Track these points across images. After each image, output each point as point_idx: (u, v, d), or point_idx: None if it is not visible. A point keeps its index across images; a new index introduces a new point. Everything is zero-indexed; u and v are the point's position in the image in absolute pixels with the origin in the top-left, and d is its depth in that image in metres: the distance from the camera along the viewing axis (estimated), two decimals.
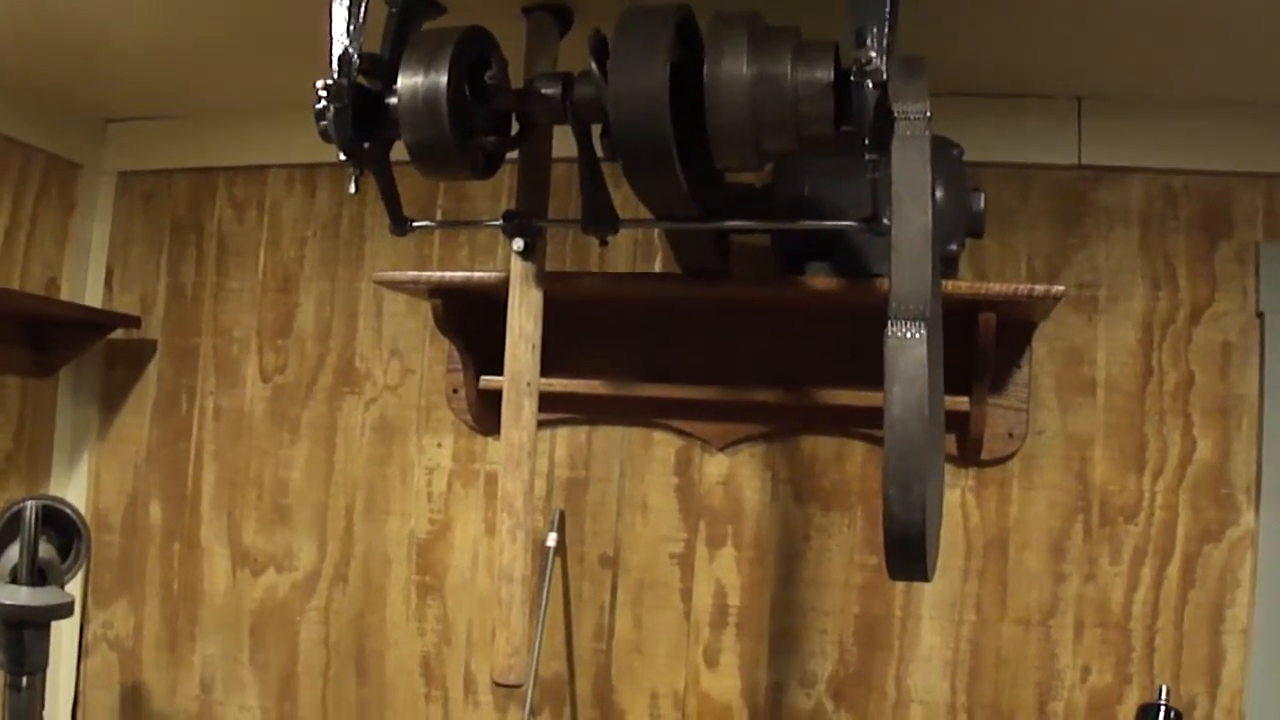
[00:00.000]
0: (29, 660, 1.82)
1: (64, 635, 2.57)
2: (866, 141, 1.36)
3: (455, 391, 2.33)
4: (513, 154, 1.70)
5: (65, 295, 2.67)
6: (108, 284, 2.73)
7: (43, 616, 1.83)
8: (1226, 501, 2.00)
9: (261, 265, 2.58)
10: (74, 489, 2.68)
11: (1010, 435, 2.07)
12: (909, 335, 1.33)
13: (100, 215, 2.75)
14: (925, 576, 1.43)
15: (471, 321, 2.15)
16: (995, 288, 1.81)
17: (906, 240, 1.38)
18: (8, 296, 2.43)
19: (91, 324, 2.59)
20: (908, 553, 1.37)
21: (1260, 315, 2.01)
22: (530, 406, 1.67)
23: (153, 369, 2.67)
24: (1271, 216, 2.04)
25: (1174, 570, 2.01)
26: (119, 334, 2.65)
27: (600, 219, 1.65)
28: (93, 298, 2.72)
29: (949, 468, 2.07)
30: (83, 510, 2.43)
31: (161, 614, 2.62)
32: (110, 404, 2.71)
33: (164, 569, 2.63)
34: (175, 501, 2.62)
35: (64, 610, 1.85)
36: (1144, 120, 2.08)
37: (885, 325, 1.33)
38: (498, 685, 1.69)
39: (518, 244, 1.67)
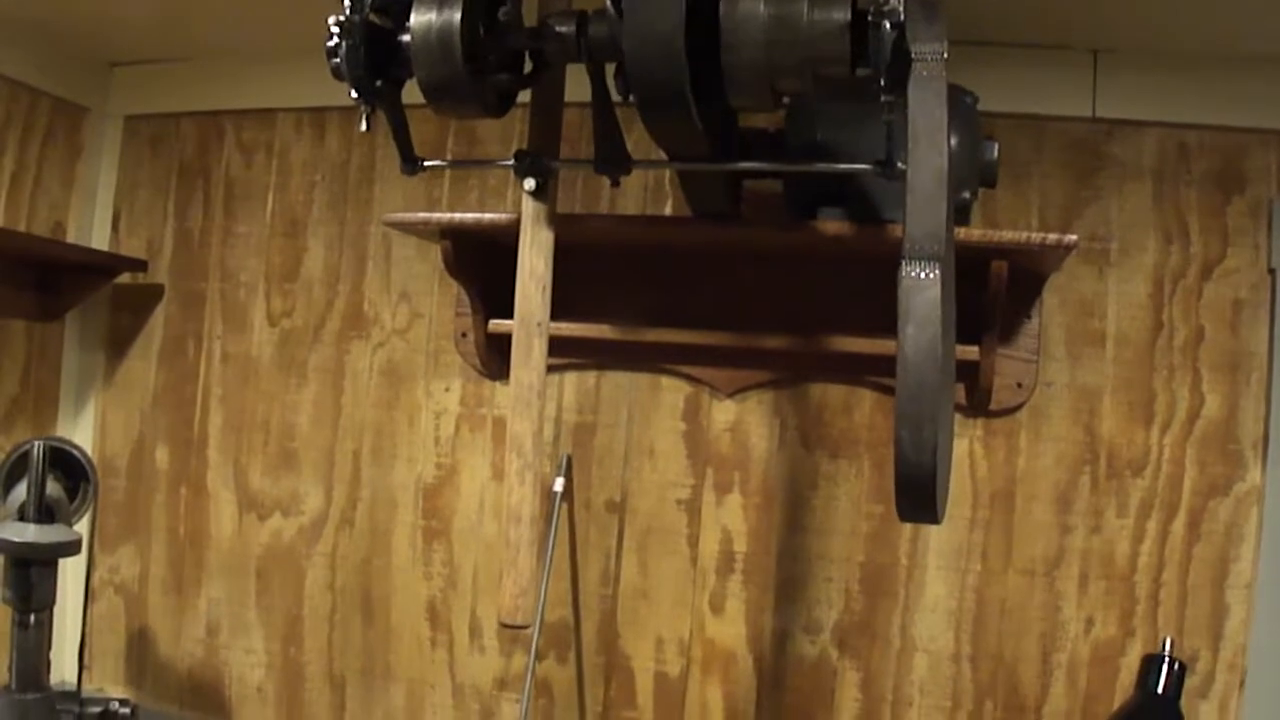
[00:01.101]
0: (36, 598, 1.81)
1: (70, 579, 2.56)
2: (882, 83, 1.35)
3: (464, 335, 2.32)
4: (523, 98, 1.68)
5: (71, 239, 2.67)
6: (114, 228, 2.73)
7: (50, 554, 1.82)
8: (1234, 457, 2.00)
9: (269, 209, 2.57)
10: (80, 433, 2.69)
11: (1019, 386, 2.06)
12: (923, 276, 1.32)
13: (107, 159, 2.74)
14: (935, 519, 1.42)
15: (481, 265, 2.15)
16: (1008, 236, 1.80)
17: (921, 181, 1.36)
18: (14, 239, 2.42)
19: (98, 267, 2.59)
20: (918, 495, 1.37)
21: (1271, 272, 2.00)
22: (540, 347, 1.67)
23: (159, 313, 2.67)
24: None
25: (1179, 525, 2.01)
26: (126, 278, 2.65)
27: (613, 159, 1.64)
28: (99, 242, 2.72)
29: (957, 418, 2.07)
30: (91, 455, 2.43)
31: (167, 558, 2.63)
32: (117, 348, 2.71)
33: (170, 513, 2.63)
34: (182, 446, 2.63)
35: (71, 548, 1.85)
36: (1159, 74, 2.06)
37: (899, 266, 1.32)
38: (504, 627, 1.69)
39: (529, 184, 1.66)
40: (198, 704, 2.60)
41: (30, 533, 1.78)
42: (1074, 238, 1.78)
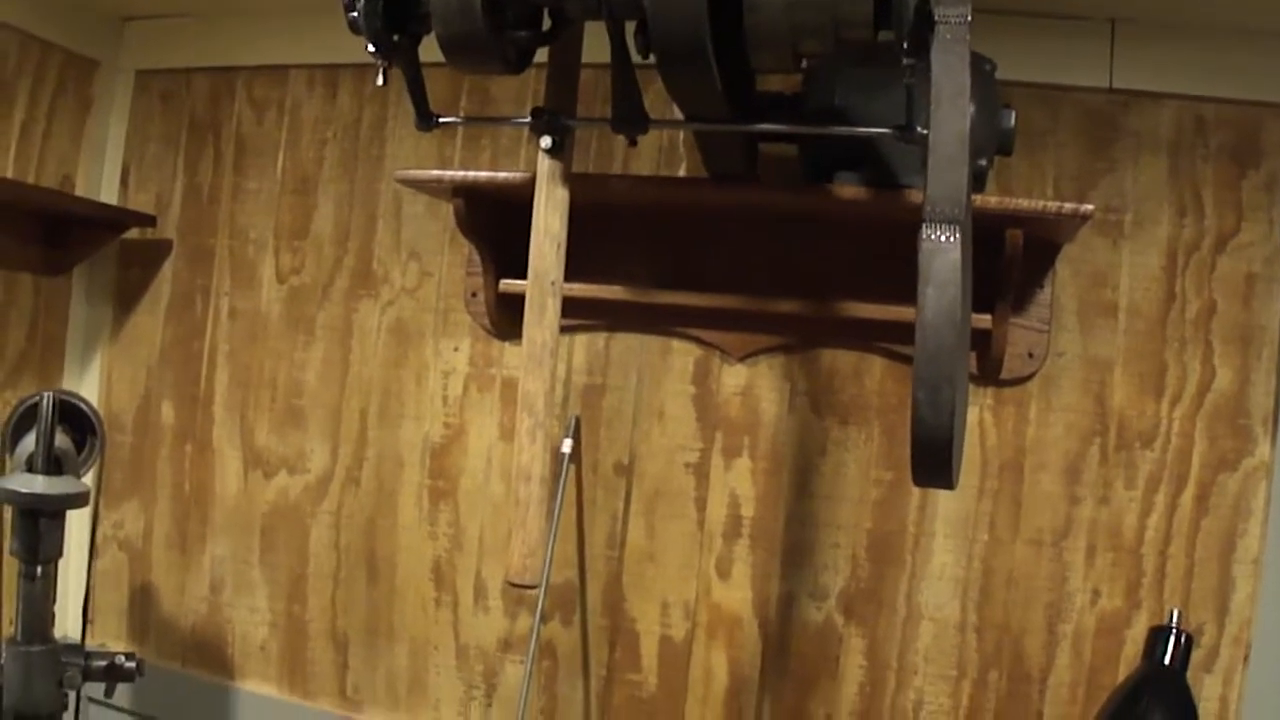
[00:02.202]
0: (44, 549, 1.81)
1: (74, 534, 2.57)
2: (905, 45, 1.34)
3: (474, 295, 2.31)
4: (539, 58, 1.67)
5: (80, 194, 2.66)
6: (123, 183, 2.72)
7: (58, 505, 1.82)
8: (1243, 431, 1.99)
9: (280, 166, 2.56)
10: (86, 388, 2.69)
11: (1030, 355, 2.05)
12: (943, 238, 1.31)
13: (117, 114, 2.73)
14: (950, 484, 1.41)
15: (493, 224, 2.14)
16: (1023, 204, 1.79)
17: (943, 143, 1.35)
18: (22, 190, 2.41)
19: (107, 221, 2.58)
20: (934, 458, 1.36)
21: None
22: (553, 306, 1.66)
23: (167, 269, 2.66)
24: None
25: (1188, 498, 2.01)
26: (134, 233, 2.64)
27: (630, 118, 1.63)
28: (108, 197, 2.71)
29: (968, 387, 2.06)
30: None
31: (172, 515, 2.64)
32: (124, 303, 2.70)
33: (175, 470, 2.63)
34: (188, 402, 2.62)
35: (80, 500, 1.84)
36: (1177, 46, 2.03)
37: (919, 228, 1.31)
38: (512, 586, 1.68)
39: (545, 141, 1.64)
40: (201, 661, 2.61)
41: (39, 484, 1.78)
42: (1089, 207, 1.77)
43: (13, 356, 2.56)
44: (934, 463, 1.37)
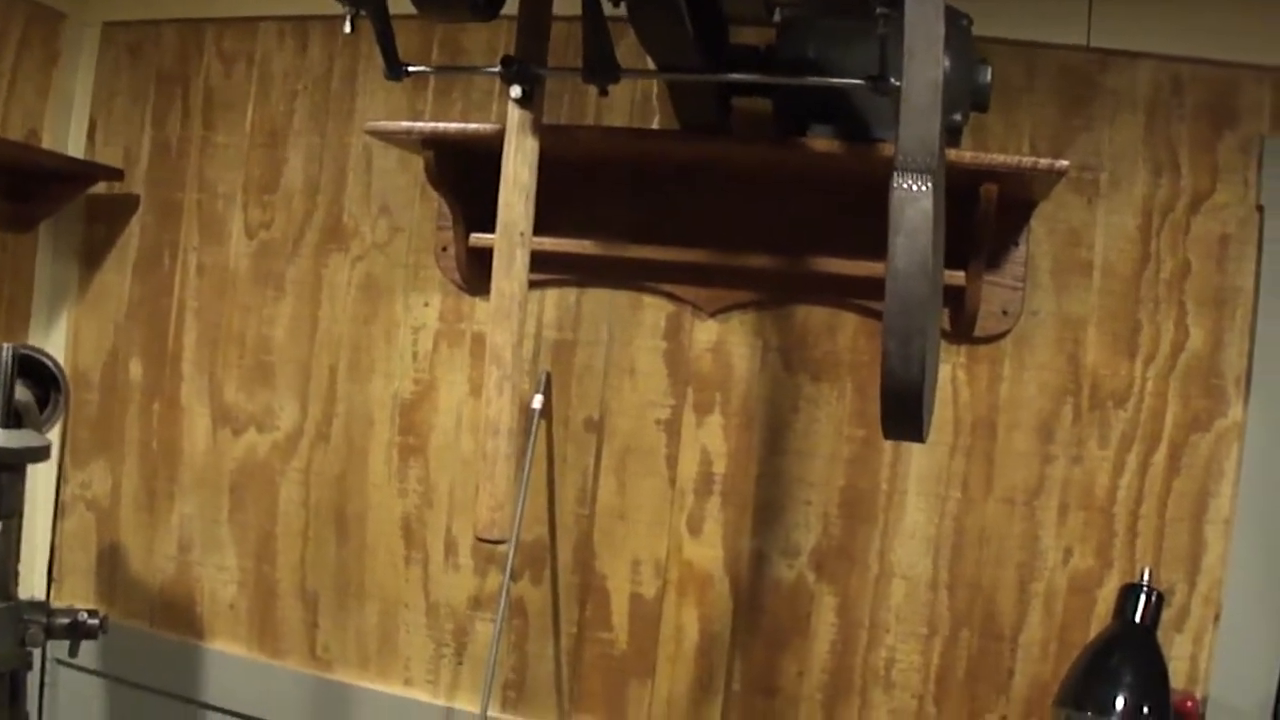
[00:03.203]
0: (4, 504, 1.79)
1: (40, 494, 2.55)
2: None
3: (444, 250, 2.29)
4: (510, 10, 1.64)
5: (47, 148, 2.61)
6: (90, 137, 2.68)
7: (18, 459, 1.80)
8: (1216, 392, 1.98)
9: (249, 120, 2.52)
10: (53, 345, 2.65)
11: (1004, 313, 2.04)
12: (915, 188, 1.29)
13: (84, 67, 2.69)
14: (920, 437, 1.40)
15: (463, 177, 2.11)
16: (998, 159, 1.78)
17: (916, 92, 1.33)
18: None
19: (73, 175, 2.54)
20: (903, 410, 1.35)
21: (1260, 209, 1.98)
22: (522, 258, 1.63)
23: (135, 224, 2.63)
24: (1277, 111, 1.99)
25: (1160, 457, 2.00)
26: (101, 188, 2.61)
27: (601, 67, 1.61)
28: (75, 151, 2.66)
29: (941, 344, 2.04)
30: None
31: (140, 474, 2.61)
32: (91, 260, 2.67)
33: (143, 428, 2.61)
34: (156, 359, 2.59)
35: (40, 454, 1.82)
36: (1155, 5, 2.02)
37: (891, 177, 1.29)
38: (480, 541, 1.67)
39: (515, 91, 1.62)
40: (169, 621, 2.59)
41: None
42: (1064, 163, 1.76)
43: None
44: (904, 415, 1.36)
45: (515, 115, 1.64)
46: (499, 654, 2.29)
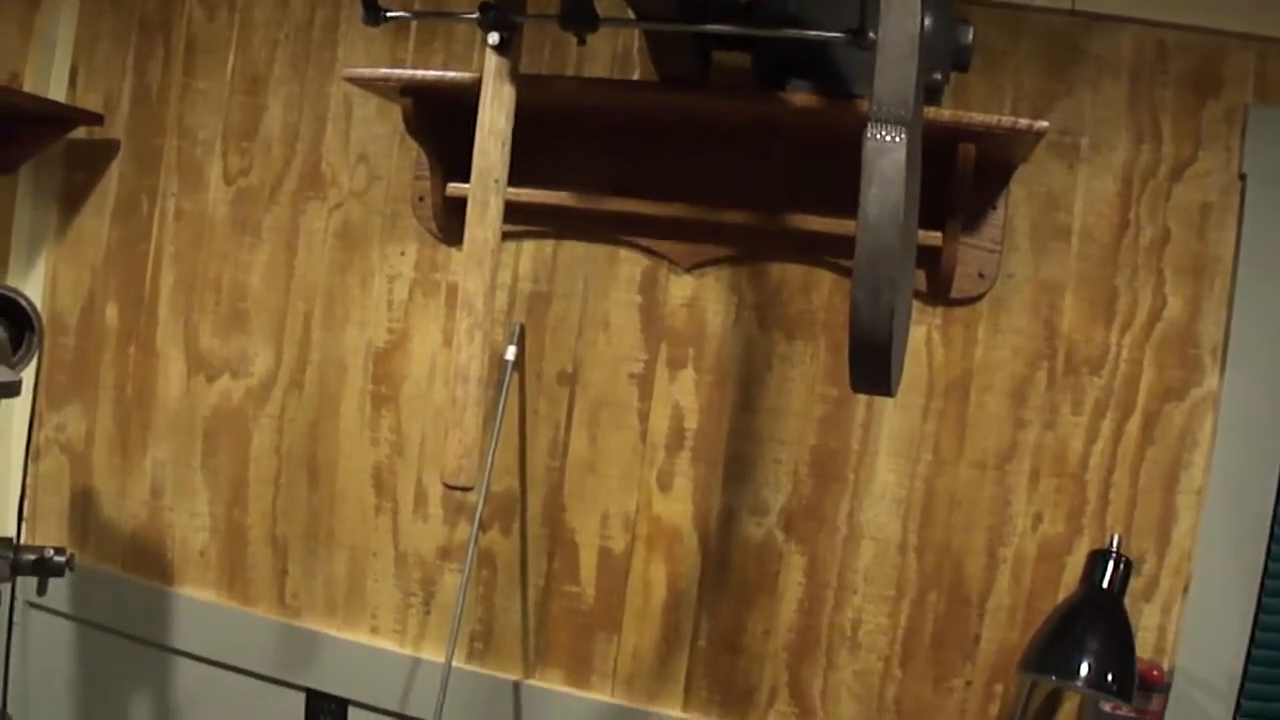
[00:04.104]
0: None
1: (14, 436, 2.54)
2: None
3: (421, 199, 2.28)
4: None
5: (28, 91, 2.59)
6: (72, 82, 2.66)
7: None
8: (1192, 361, 1.98)
9: (230, 66, 2.50)
10: (30, 289, 2.64)
11: (981, 276, 2.04)
12: (889, 139, 1.29)
13: (66, 11, 2.66)
14: (889, 390, 1.40)
15: (442, 126, 2.10)
16: (977, 118, 1.76)
17: (892, 43, 1.32)
18: None
19: (54, 119, 2.52)
20: (872, 362, 1.34)
21: (1242, 177, 1.97)
22: (496, 205, 1.62)
23: (114, 170, 2.61)
24: (1263, 79, 1.98)
25: (1134, 426, 2.00)
26: (80, 134, 2.59)
27: (579, 14, 1.59)
28: (56, 95, 2.64)
29: (916, 304, 2.05)
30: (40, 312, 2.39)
31: (114, 418, 2.60)
32: (70, 204, 2.65)
33: (118, 372, 2.60)
34: (132, 304, 2.58)
35: (11, 390, 1.81)
36: None
37: (864, 128, 1.29)
38: (447, 488, 1.66)
39: (493, 38, 1.61)
40: (140, 566, 2.59)
41: None
42: (1044, 124, 1.75)
43: None
44: (871, 367, 1.35)
45: (492, 62, 1.63)
46: (466, 605, 2.29)
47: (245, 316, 2.48)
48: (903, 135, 1.29)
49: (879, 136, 1.29)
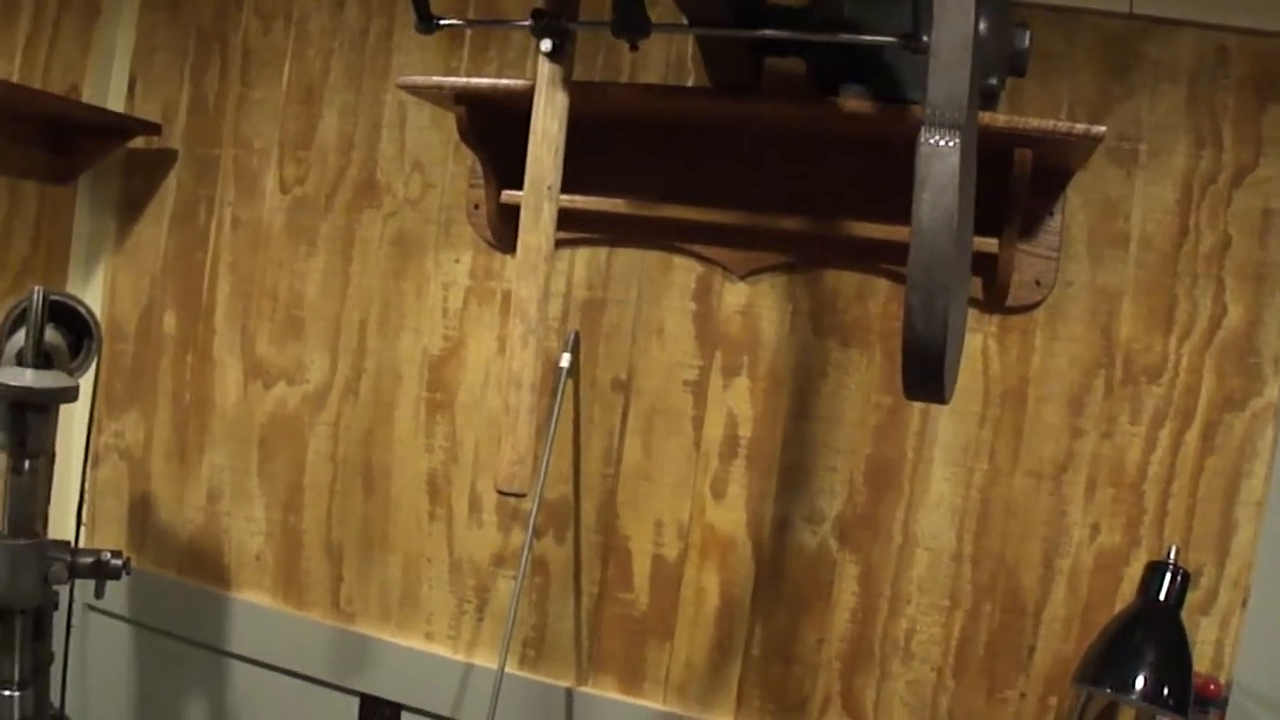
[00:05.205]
0: (31, 443, 1.81)
1: (75, 441, 2.57)
2: None
3: (476, 207, 2.29)
4: None
5: (87, 101, 2.63)
6: (130, 93, 2.69)
7: (46, 399, 1.81)
8: (1253, 370, 1.95)
9: (286, 77, 2.53)
10: (90, 297, 2.68)
11: (1038, 283, 2.02)
12: (943, 143, 1.28)
13: (125, 23, 2.70)
14: (942, 397, 1.39)
15: (496, 134, 2.11)
16: (1034, 123, 1.75)
17: (946, 45, 1.31)
18: (27, 95, 2.38)
19: (112, 129, 2.56)
20: (925, 368, 1.33)
21: None
22: (549, 211, 1.63)
23: (172, 179, 2.64)
24: None
25: (1193, 436, 1.97)
26: (139, 143, 2.63)
27: (631, 21, 1.60)
28: (115, 106, 2.68)
29: (972, 313, 2.03)
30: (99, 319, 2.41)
31: (172, 424, 2.63)
32: (128, 213, 2.69)
33: (176, 380, 2.63)
34: (190, 312, 2.61)
35: (68, 394, 1.84)
36: None
37: (919, 133, 1.28)
38: (501, 494, 1.67)
39: (545, 44, 1.61)
40: (197, 571, 2.62)
41: (27, 377, 1.78)
42: (1102, 129, 1.73)
43: (16, 264, 2.55)
44: (924, 373, 1.34)
45: (545, 69, 1.63)
46: (519, 612, 2.30)
47: (301, 324, 2.50)
48: (957, 140, 1.28)
49: (933, 141, 1.28)
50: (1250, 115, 1.96)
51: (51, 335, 1.90)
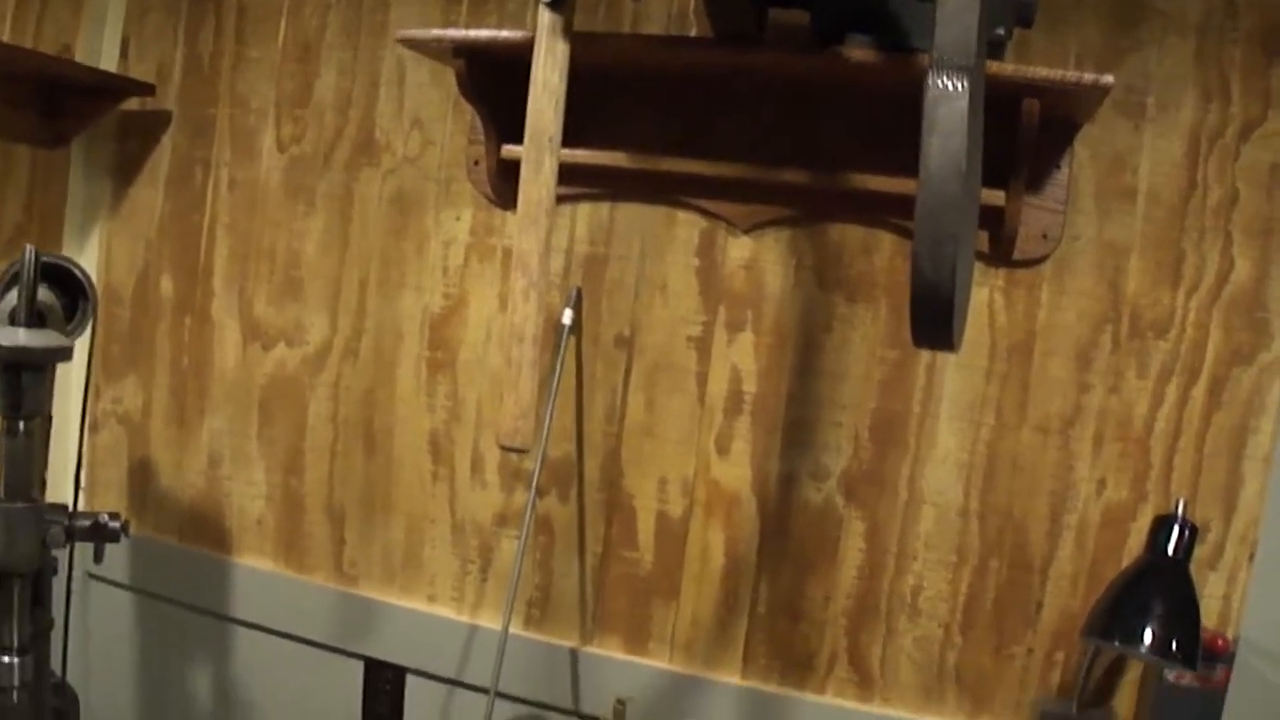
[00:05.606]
0: (26, 404, 1.78)
1: (70, 408, 2.55)
2: None
3: (476, 164, 2.27)
4: None
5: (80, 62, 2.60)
6: (123, 54, 2.66)
7: (40, 359, 1.78)
8: (1260, 325, 1.93)
9: (282, 34, 2.49)
10: (85, 262, 2.64)
11: (1045, 237, 2.00)
12: (951, 87, 1.26)
13: None
14: (950, 344, 1.37)
15: (496, 88, 2.08)
16: (1041, 72, 1.72)
17: None
18: (20, 55, 2.35)
19: (106, 90, 2.52)
20: (934, 315, 1.32)
21: None
22: (550, 164, 1.60)
23: (167, 140, 2.61)
24: None
25: (1200, 390, 1.95)
26: (133, 104, 2.59)
27: None
28: (108, 67, 2.64)
29: (979, 266, 2.01)
30: (95, 284, 2.38)
31: (170, 389, 2.62)
32: (123, 176, 2.66)
33: (174, 343, 2.61)
34: (187, 275, 2.59)
35: (62, 354, 1.81)
36: None
37: (925, 77, 1.26)
38: (503, 449, 1.65)
39: None
40: (198, 536, 2.61)
41: (20, 336, 1.75)
42: (1109, 79, 1.70)
43: (10, 229, 2.53)
44: (933, 320, 1.33)
45: (545, 18, 1.60)
46: (523, 571, 2.29)
47: (300, 285, 2.48)
48: (965, 83, 1.26)
49: (941, 84, 1.26)
50: (1258, 69, 1.93)
51: (45, 295, 1.88)
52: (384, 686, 2.42)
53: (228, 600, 2.55)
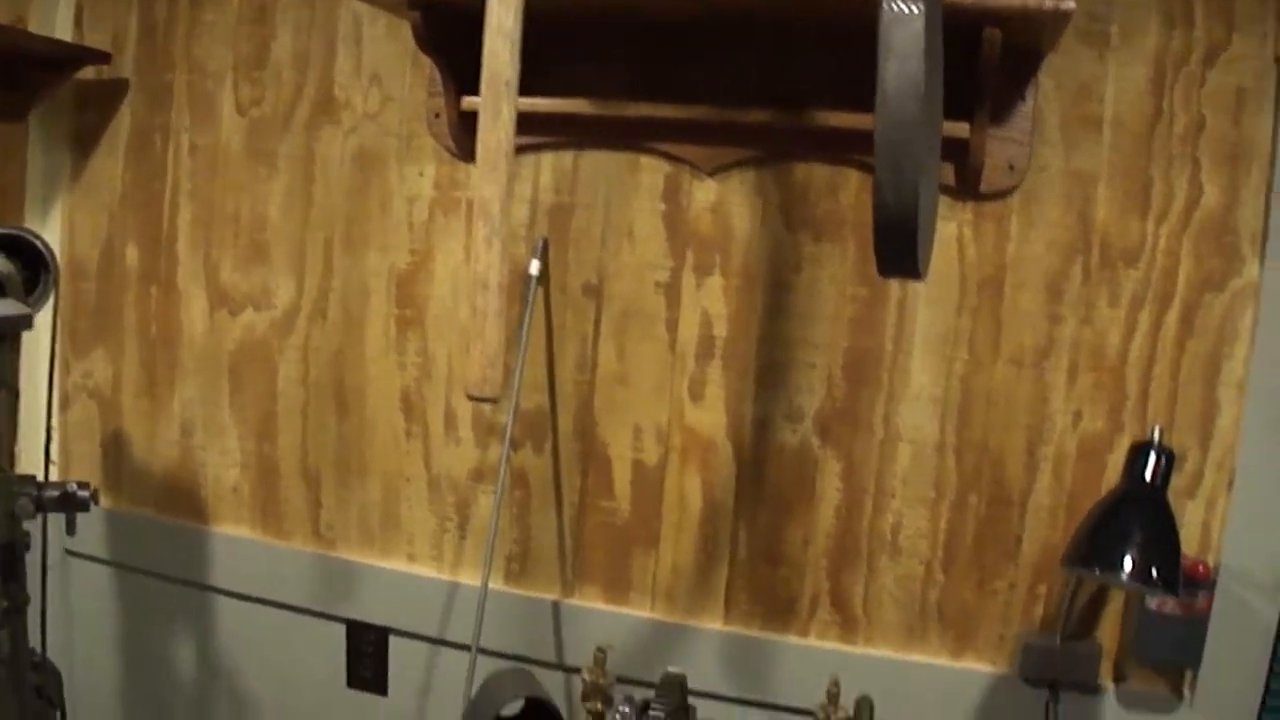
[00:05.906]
0: None
1: (38, 383, 2.53)
2: None
3: (436, 116, 2.24)
4: None
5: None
6: (77, 24, 2.61)
7: (2, 327, 1.78)
8: (1230, 251, 1.92)
9: None
10: (48, 235, 2.59)
11: (1011, 168, 1.99)
12: (906, 10, 1.26)
13: None
14: (916, 272, 1.37)
15: (454, 39, 2.05)
16: (1001, 0, 1.72)
17: None
18: None
19: (61, 60, 2.49)
20: (898, 242, 1.31)
21: (1278, 61, 1.91)
22: (508, 110, 1.58)
23: (125, 109, 2.58)
24: None
25: (1172, 318, 1.95)
26: (89, 74, 2.56)
27: None
28: (62, 36, 2.59)
29: (946, 200, 2.00)
30: (58, 258, 2.35)
31: (140, 360, 2.59)
32: (82, 147, 2.62)
33: (141, 314, 2.58)
34: (151, 244, 2.56)
35: (23, 322, 1.81)
36: None
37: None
38: (472, 399, 1.63)
39: None
40: (174, 507, 2.59)
41: None
42: (1071, 4, 1.68)
43: None
44: (898, 249, 1.32)
45: None
46: (501, 526, 2.28)
47: (265, 248, 2.45)
48: (920, 6, 1.25)
49: (896, 8, 1.26)
50: None
51: (3, 265, 1.86)
52: (367, 648, 2.41)
53: (207, 570, 2.54)
